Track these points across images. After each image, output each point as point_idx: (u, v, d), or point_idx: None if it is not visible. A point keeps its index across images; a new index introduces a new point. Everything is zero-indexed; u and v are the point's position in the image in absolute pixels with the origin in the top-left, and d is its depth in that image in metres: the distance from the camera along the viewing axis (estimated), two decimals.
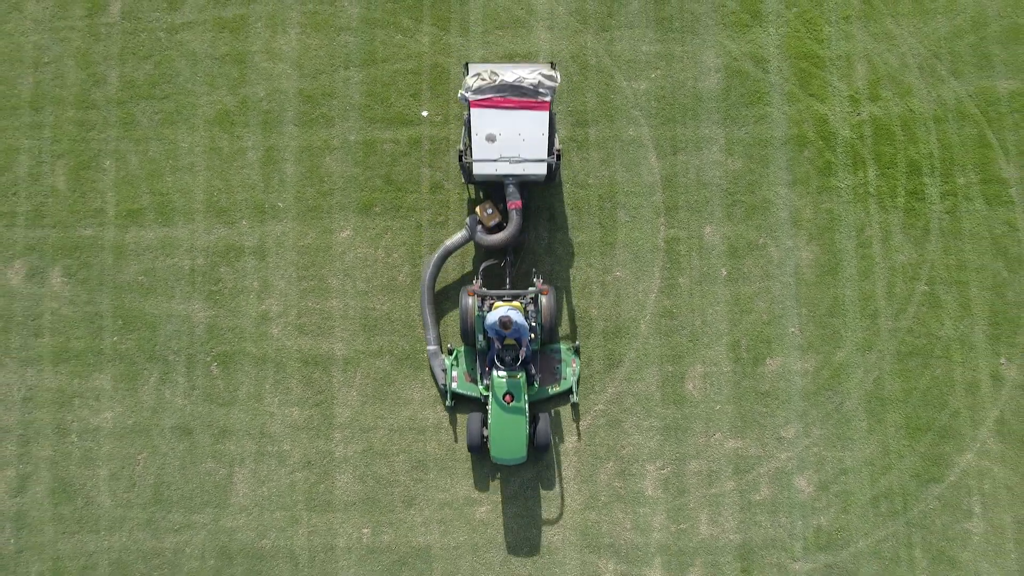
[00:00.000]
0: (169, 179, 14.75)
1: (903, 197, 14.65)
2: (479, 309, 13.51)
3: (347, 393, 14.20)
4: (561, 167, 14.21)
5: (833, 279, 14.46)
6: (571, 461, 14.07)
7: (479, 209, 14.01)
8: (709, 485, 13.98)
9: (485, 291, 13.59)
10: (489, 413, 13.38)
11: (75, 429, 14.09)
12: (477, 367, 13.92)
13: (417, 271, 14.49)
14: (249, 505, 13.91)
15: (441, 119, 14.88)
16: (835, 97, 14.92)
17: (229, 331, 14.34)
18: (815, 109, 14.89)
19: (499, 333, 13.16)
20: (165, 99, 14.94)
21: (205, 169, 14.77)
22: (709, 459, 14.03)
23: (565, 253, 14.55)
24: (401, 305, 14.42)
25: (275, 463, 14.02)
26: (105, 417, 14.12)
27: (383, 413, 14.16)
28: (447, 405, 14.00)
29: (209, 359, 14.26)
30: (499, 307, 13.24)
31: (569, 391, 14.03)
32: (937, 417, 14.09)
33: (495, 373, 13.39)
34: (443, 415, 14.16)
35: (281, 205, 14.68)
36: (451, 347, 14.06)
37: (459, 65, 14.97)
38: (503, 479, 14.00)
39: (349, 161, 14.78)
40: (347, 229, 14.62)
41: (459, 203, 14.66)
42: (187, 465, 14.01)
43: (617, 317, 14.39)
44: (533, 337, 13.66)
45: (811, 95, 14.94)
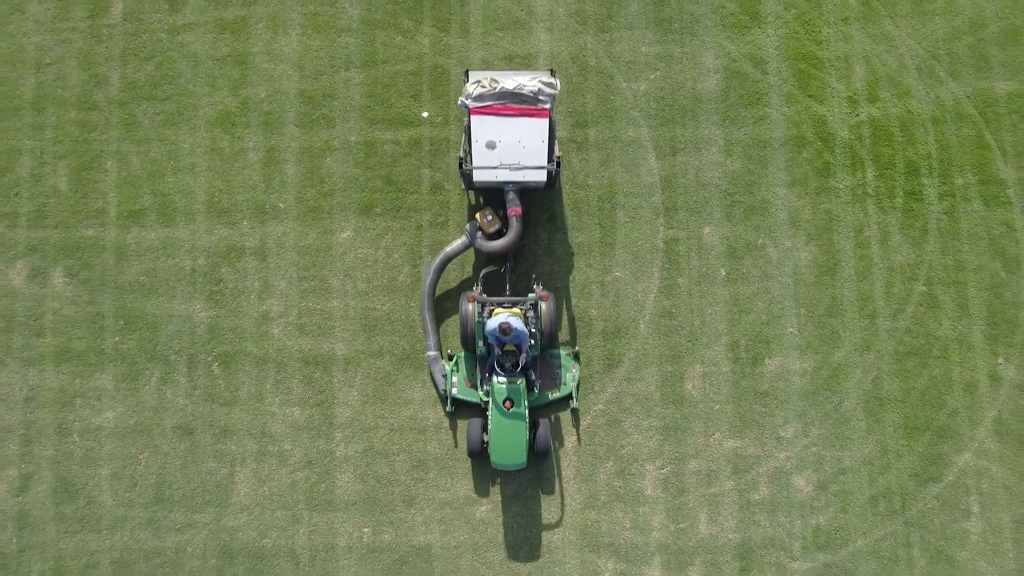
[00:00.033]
0: (170, 180, 14.80)
1: (901, 198, 14.71)
2: (479, 315, 13.54)
3: (348, 393, 14.26)
4: (561, 169, 14.23)
5: (832, 279, 14.51)
6: (571, 461, 14.12)
7: (479, 215, 14.06)
8: (708, 484, 14.03)
9: (485, 297, 13.63)
10: (489, 419, 13.40)
11: (77, 429, 14.14)
12: (477, 373, 13.95)
13: (417, 271, 14.54)
14: (250, 504, 13.97)
15: (441, 120, 14.93)
16: (834, 98, 14.98)
17: (230, 331, 14.39)
18: (814, 110, 14.95)
19: (499, 339, 13.19)
20: (166, 100, 15.00)
21: (206, 170, 14.82)
22: (708, 459, 14.08)
23: (565, 254, 14.60)
24: (401, 305, 14.47)
25: (276, 463, 14.07)
26: (107, 417, 14.17)
27: (384, 413, 14.21)
28: (447, 411, 14.04)
29: (210, 359, 14.31)
30: (499, 313, 13.28)
31: (569, 396, 14.07)
32: (935, 417, 14.14)
33: (495, 379, 13.42)
34: (443, 415, 14.22)
35: (282, 206, 14.73)
36: (451, 353, 14.10)
37: (459, 66, 15.02)
38: (503, 479, 14.06)
39: (350, 162, 14.83)
40: (348, 230, 14.67)
41: (459, 204, 14.71)
42: (188, 465, 14.06)
43: (616, 317, 14.44)
44: (533, 343, 13.68)
45: (810, 96, 15.00)
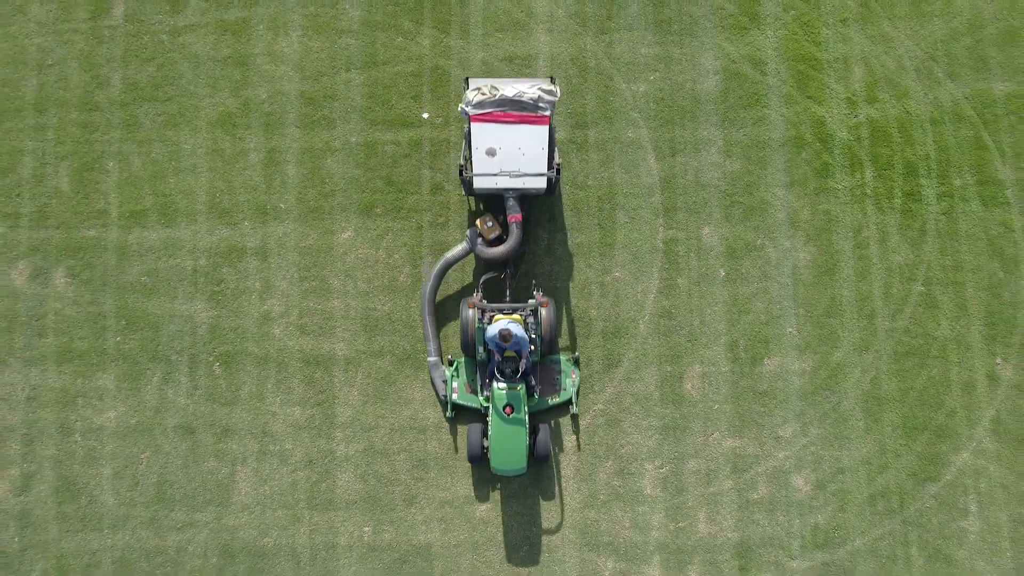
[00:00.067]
0: (172, 180, 14.85)
1: (900, 198, 14.76)
2: (479, 321, 13.57)
3: (348, 393, 14.31)
4: (561, 172, 14.22)
5: (830, 280, 14.56)
6: (570, 460, 14.17)
7: (479, 222, 14.10)
8: (707, 484, 14.08)
9: (485, 304, 13.67)
10: (489, 424, 13.44)
11: (79, 428, 14.19)
12: (477, 378, 13.98)
13: (418, 271, 14.60)
14: (251, 504, 14.02)
15: (442, 121, 14.98)
16: (832, 99, 15.03)
17: (231, 331, 14.45)
18: (812, 111, 15.00)
19: (499, 346, 13.21)
20: (168, 101, 15.05)
21: (207, 170, 14.87)
22: (707, 458, 14.13)
23: (564, 254, 14.65)
24: (402, 305, 14.52)
25: (277, 462, 14.12)
26: (108, 416, 14.22)
27: (384, 412, 14.26)
28: (447, 416, 14.08)
29: (211, 359, 14.37)
30: (499, 320, 13.31)
31: (569, 402, 14.10)
32: (933, 416, 14.19)
33: (495, 385, 13.44)
34: (443, 415, 14.25)
35: (283, 206, 14.79)
36: (451, 358, 14.12)
37: (459, 67, 15.08)
38: (503, 479, 14.09)
39: (350, 163, 14.88)
40: (348, 230, 14.72)
41: (459, 205, 14.76)
42: (190, 464, 14.11)
43: (616, 317, 14.49)
44: (533, 349, 13.71)
45: (809, 97, 15.05)
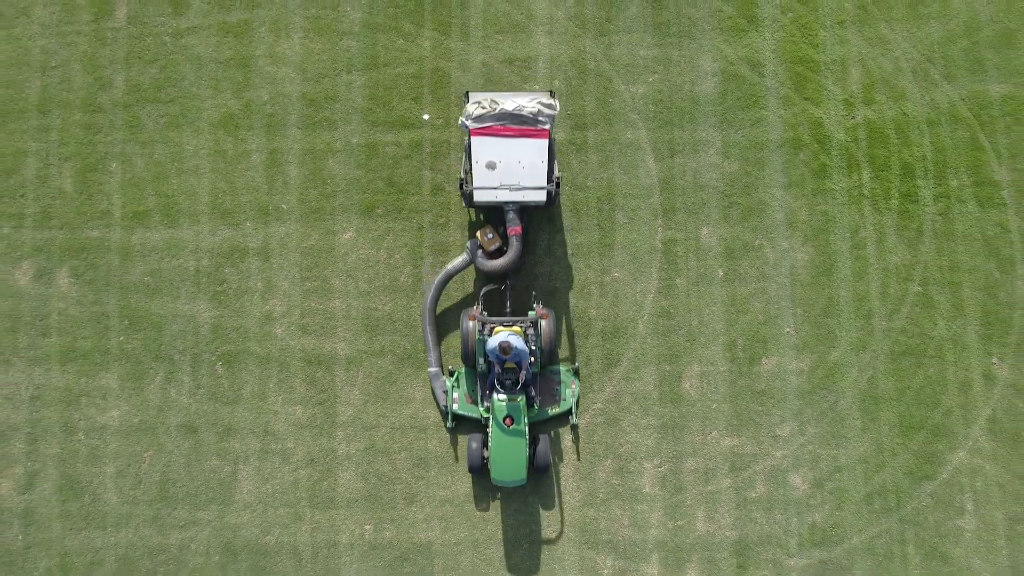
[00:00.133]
0: (174, 181, 14.94)
1: (897, 199, 14.84)
2: (480, 333, 13.62)
3: (349, 392, 14.39)
4: (560, 185, 14.22)
5: (828, 280, 14.65)
6: (570, 459, 14.25)
7: (479, 234, 14.17)
8: (706, 482, 14.17)
9: (486, 316, 13.74)
10: (490, 435, 13.50)
11: (82, 427, 14.28)
12: (478, 389, 14.04)
13: (418, 272, 14.68)
14: (253, 502, 14.10)
15: (442, 122, 15.07)
16: (830, 101, 15.11)
17: (233, 331, 14.54)
18: (810, 112, 15.09)
19: (499, 357, 13.28)
20: (170, 103, 15.13)
21: (210, 172, 14.96)
22: (706, 457, 14.21)
23: (564, 254, 14.73)
24: (403, 305, 14.61)
25: (279, 461, 14.21)
26: (112, 415, 14.31)
27: (385, 411, 14.35)
28: (448, 426, 14.16)
29: (214, 358, 14.46)
30: (499, 332, 13.37)
31: (568, 412, 14.17)
32: (930, 416, 14.27)
33: (495, 396, 13.49)
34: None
35: (284, 207, 14.87)
36: (452, 369, 14.21)
37: (460, 69, 15.16)
38: None
39: (351, 164, 14.97)
40: (349, 231, 14.81)
41: (460, 206, 14.83)
42: (192, 463, 14.20)
43: (615, 317, 14.58)
44: (533, 361, 13.76)
45: (806, 99, 15.13)
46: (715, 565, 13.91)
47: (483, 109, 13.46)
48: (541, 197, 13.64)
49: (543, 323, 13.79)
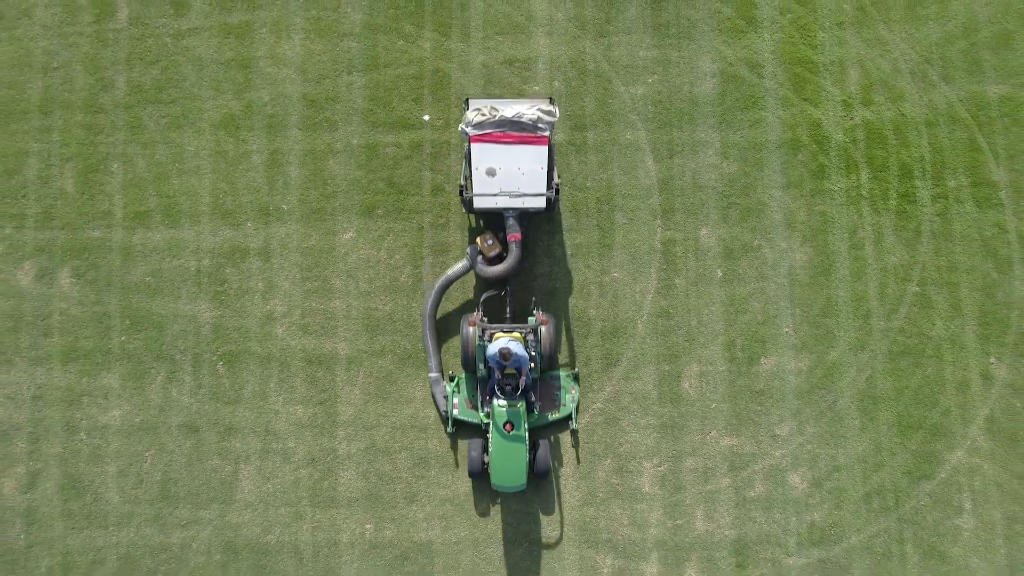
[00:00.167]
0: (176, 182, 14.99)
1: (895, 200, 14.89)
2: (480, 339, 13.66)
3: (350, 391, 14.44)
4: (560, 191, 14.22)
5: (826, 280, 14.70)
6: (570, 458, 14.30)
7: (479, 240, 14.20)
8: (705, 482, 14.22)
9: (486, 323, 13.77)
10: (490, 441, 13.54)
11: (84, 427, 14.33)
12: (478, 394, 14.08)
13: (419, 272, 14.73)
14: (254, 501, 14.16)
15: (442, 123, 15.12)
16: (828, 102, 15.16)
17: (234, 331, 14.59)
18: (809, 113, 15.14)
19: (499, 364, 13.31)
20: (172, 103, 15.18)
21: (211, 172, 15.01)
22: (705, 456, 14.26)
23: (563, 255, 14.78)
24: (403, 305, 14.66)
25: (280, 460, 14.25)
26: (113, 415, 14.36)
27: (385, 411, 14.40)
28: (448, 431, 14.20)
29: (215, 358, 14.51)
30: (499, 338, 13.42)
31: (568, 417, 14.22)
32: (928, 415, 14.32)
33: (496, 402, 13.54)
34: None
35: (285, 207, 14.92)
36: (452, 374, 14.25)
37: (460, 70, 15.21)
38: None
39: (352, 164, 15.02)
40: (350, 231, 14.86)
41: (460, 206, 14.87)
42: (193, 462, 14.25)
43: (615, 317, 14.62)
44: (533, 366, 13.78)
45: (805, 100, 15.18)
46: (714, 564, 13.96)
47: (483, 116, 13.51)
48: (541, 203, 13.69)
49: (543, 329, 13.81)
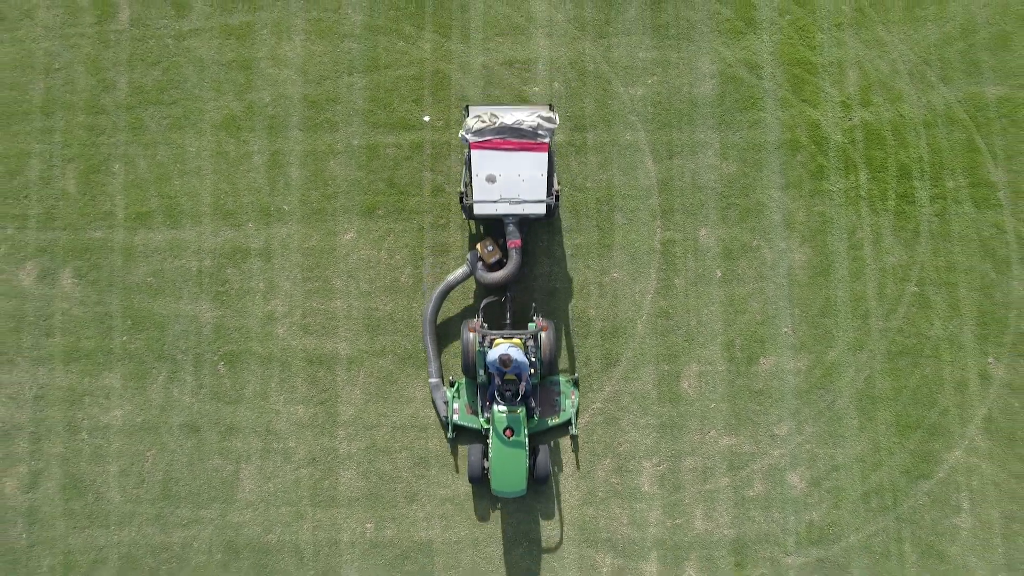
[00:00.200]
0: (177, 183, 15.04)
1: (894, 200, 14.93)
2: (480, 345, 13.68)
3: (351, 391, 14.48)
4: (560, 198, 14.23)
5: (825, 280, 14.74)
6: (569, 458, 14.34)
7: (480, 246, 14.23)
8: (704, 481, 14.26)
9: (486, 329, 13.80)
10: (490, 447, 13.56)
11: (85, 427, 14.38)
12: (478, 400, 14.11)
13: (419, 272, 14.78)
14: (255, 501, 14.20)
15: (442, 124, 15.16)
16: (827, 103, 15.20)
17: (236, 331, 14.63)
18: (808, 114, 15.18)
19: (500, 370, 13.33)
20: (173, 104, 15.23)
21: (212, 173, 15.05)
22: (704, 456, 14.31)
23: (563, 255, 14.82)
24: (403, 305, 14.70)
25: (280, 460, 14.30)
26: (115, 415, 14.41)
27: (386, 411, 14.44)
28: (448, 437, 14.24)
29: (216, 358, 14.55)
30: (500, 344, 13.44)
31: (568, 422, 14.25)
32: (927, 415, 14.36)
33: (495, 408, 13.55)
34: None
35: (286, 208, 14.97)
36: (452, 379, 14.29)
37: (460, 71, 15.26)
38: None
39: (353, 165, 15.06)
40: (351, 231, 14.90)
41: (460, 207, 14.91)
42: (195, 462, 14.29)
43: (614, 317, 14.67)
44: (533, 372, 13.80)
45: (804, 101, 15.23)
46: (713, 563, 14.01)
47: (483, 123, 13.54)
48: (541, 210, 13.73)
49: (543, 335, 13.84)
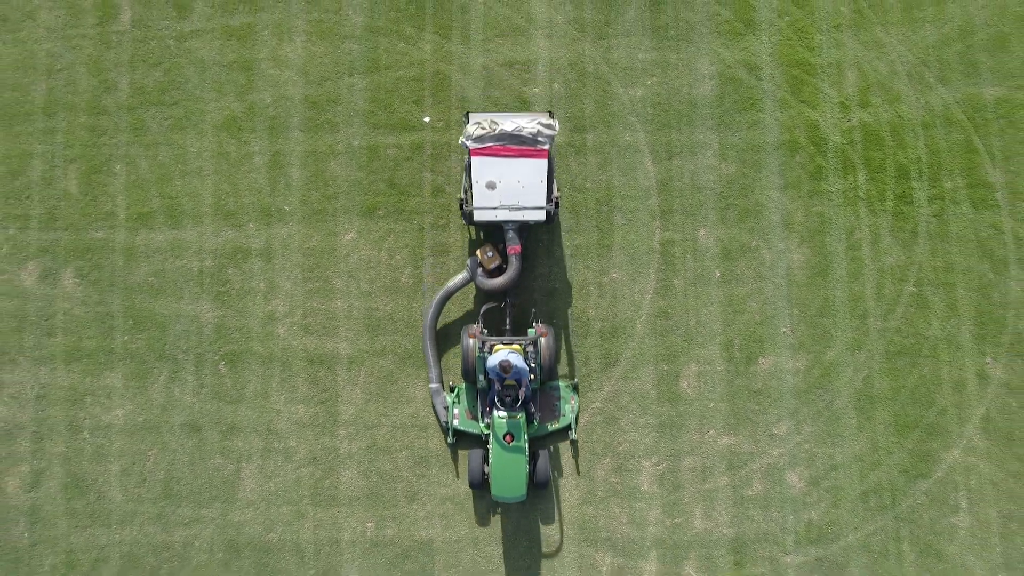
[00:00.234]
0: (178, 183, 15.08)
1: (892, 201, 14.97)
2: (480, 350, 13.71)
3: (351, 391, 14.53)
4: (560, 204, 14.31)
5: (824, 280, 14.78)
6: (569, 457, 14.39)
7: (479, 252, 14.24)
8: (703, 481, 14.30)
9: (486, 335, 13.83)
10: (490, 452, 13.59)
11: (87, 426, 14.42)
12: (478, 405, 14.14)
13: (419, 272, 14.82)
14: (256, 500, 14.24)
15: (443, 125, 15.21)
16: (826, 103, 15.24)
17: (236, 331, 14.68)
18: (806, 115, 15.22)
19: (499, 375, 13.36)
20: (174, 105, 15.27)
21: (213, 173, 15.10)
22: (703, 455, 14.35)
23: (563, 255, 14.86)
24: (403, 305, 14.74)
25: (281, 459, 14.34)
26: (116, 414, 14.45)
27: (386, 410, 14.48)
28: (449, 442, 14.27)
29: (217, 358, 14.60)
30: (499, 350, 13.47)
31: (568, 427, 14.27)
32: (925, 415, 14.40)
33: (496, 413, 13.58)
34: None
35: (287, 208, 15.01)
36: (452, 385, 14.31)
37: (460, 72, 15.30)
38: None
39: (353, 165, 15.10)
40: (351, 232, 14.95)
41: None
42: (196, 461, 14.34)
43: (614, 317, 14.71)
44: (532, 378, 13.83)
45: (803, 101, 15.27)
46: (712, 562, 14.05)
47: (483, 130, 13.55)
48: (540, 216, 13.76)
49: (543, 341, 13.87)
